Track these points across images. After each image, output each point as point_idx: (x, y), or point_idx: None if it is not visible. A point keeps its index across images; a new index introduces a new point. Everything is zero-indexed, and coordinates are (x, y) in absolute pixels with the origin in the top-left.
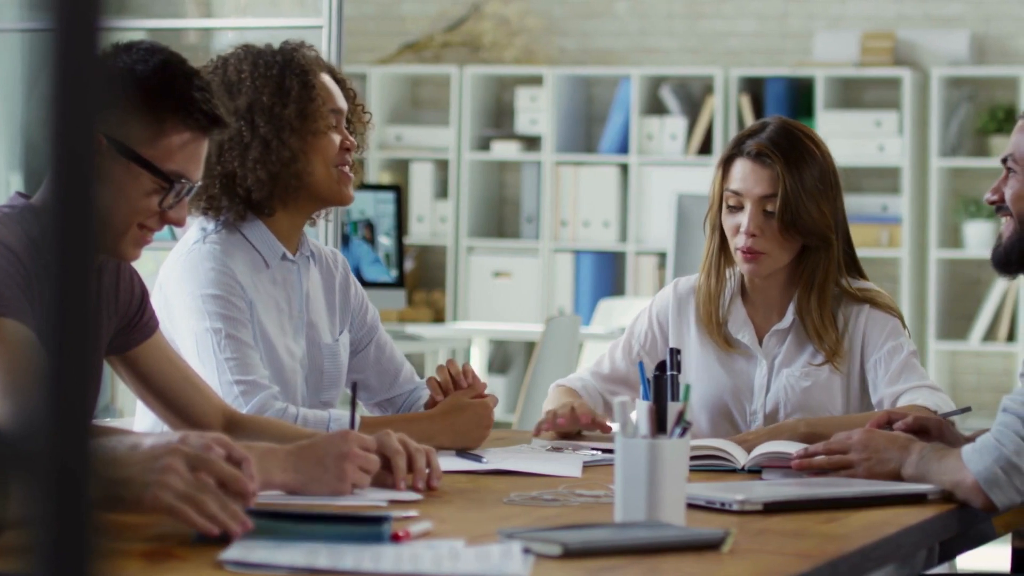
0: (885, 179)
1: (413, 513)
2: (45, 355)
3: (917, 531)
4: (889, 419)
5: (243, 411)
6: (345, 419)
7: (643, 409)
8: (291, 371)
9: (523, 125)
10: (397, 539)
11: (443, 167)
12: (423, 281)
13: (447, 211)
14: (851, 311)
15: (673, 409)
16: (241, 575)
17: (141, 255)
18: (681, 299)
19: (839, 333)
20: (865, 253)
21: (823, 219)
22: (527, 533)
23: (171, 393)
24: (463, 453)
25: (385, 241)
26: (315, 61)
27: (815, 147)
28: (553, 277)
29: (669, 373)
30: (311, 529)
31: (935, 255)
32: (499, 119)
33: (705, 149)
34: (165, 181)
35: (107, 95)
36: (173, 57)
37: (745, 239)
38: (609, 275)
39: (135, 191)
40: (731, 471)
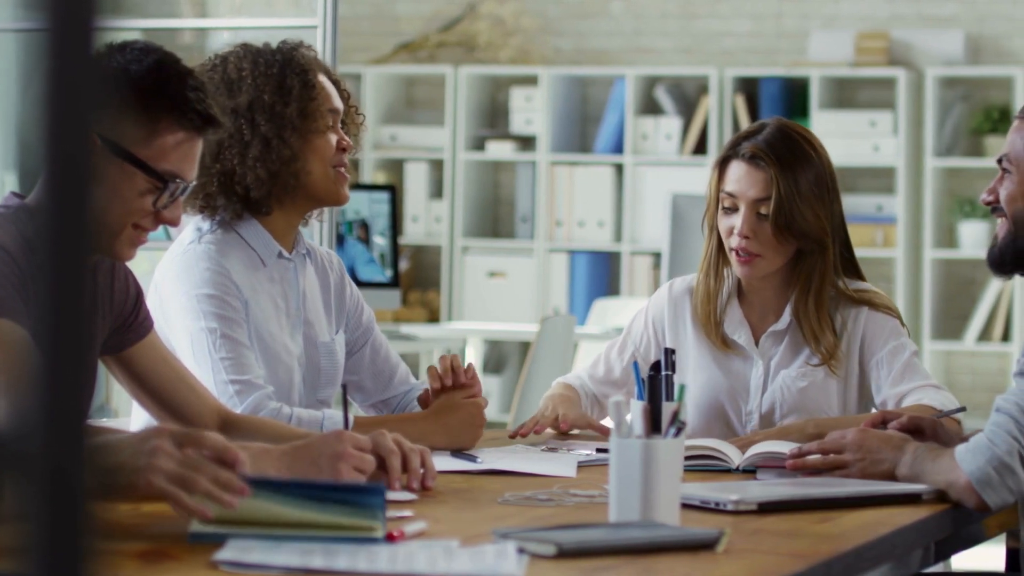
0: (880, 179)
1: (408, 513)
2: (39, 355)
3: (911, 531)
4: (884, 419)
5: (237, 411)
6: (339, 419)
7: (638, 409)
8: (288, 368)
9: (518, 125)
10: (392, 539)
11: (438, 167)
12: (418, 281)
13: (442, 211)
14: (849, 313)
15: (667, 409)
16: (236, 575)
17: (136, 255)
18: (676, 300)
19: (836, 335)
20: (860, 253)
21: (818, 223)
22: (521, 533)
23: (166, 393)
24: (458, 453)
25: (380, 241)
26: (314, 61)
27: (812, 150)
28: (548, 277)
29: (664, 373)
30: (306, 515)
31: (930, 255)
32: (494, 119)
33: (700, 149)
34: (159, 181)
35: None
36: (167, 57)
37: (739, 241)
38: (604, 275)
39: (129, 191)
40: (725, 471)
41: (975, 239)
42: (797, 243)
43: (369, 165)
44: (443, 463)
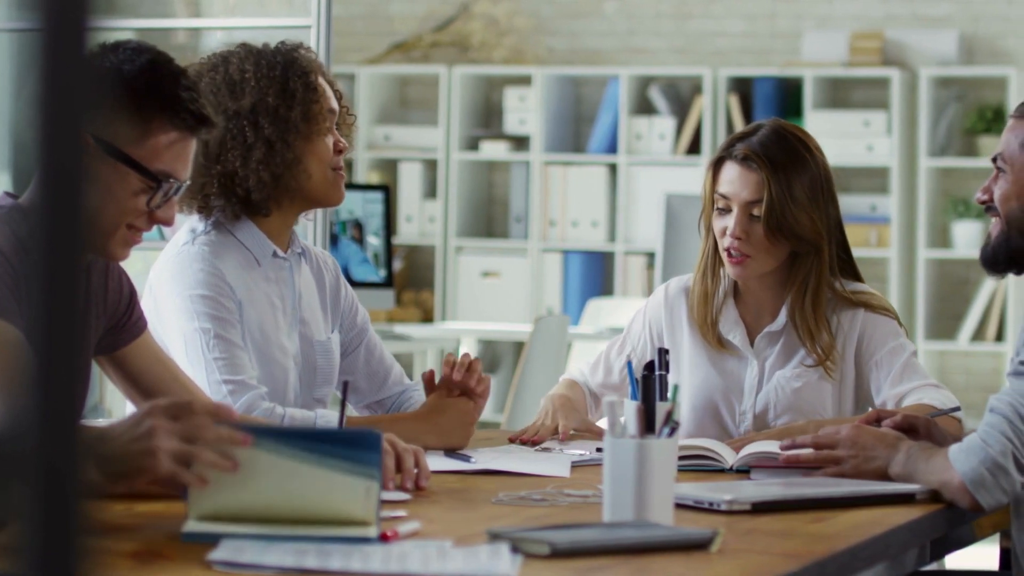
0: (874, 179)
1: (401, 513)
2: (33, 355)
3: (905, 531)
4: (878, 417)
5: None
6: (332, 418)
7: (631, 409)
8: (284, 368)
9: (512, 125)
10: (385, 539)
11: (432, 167)
12: (412, 281)
13: (436, 211)
14: (845, 315)
15: (661, 409)
16: (230, 575)
17: (130, 255)
18: (672, 300)
19: (832, 336)
20: (854, 253)
21: (811, 226)
22: (515, 533)
23: (159, 393)
24: (451, 453)
25: (374, 241)
26: (314, 63)
27: (807, 152)
28: (542, 277)
29: (657, 373)
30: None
31: (923, 255)
32: (488, 119)
33: (694, 149)
34: (153, 181)
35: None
36: (160, 57)
37: (731, 242)
38: (598, 275)
39: (123, 191)
40: (719, 471)
41: (969, 239)
42: (790, 245)
43: (363, 165)
44: (437, 463)
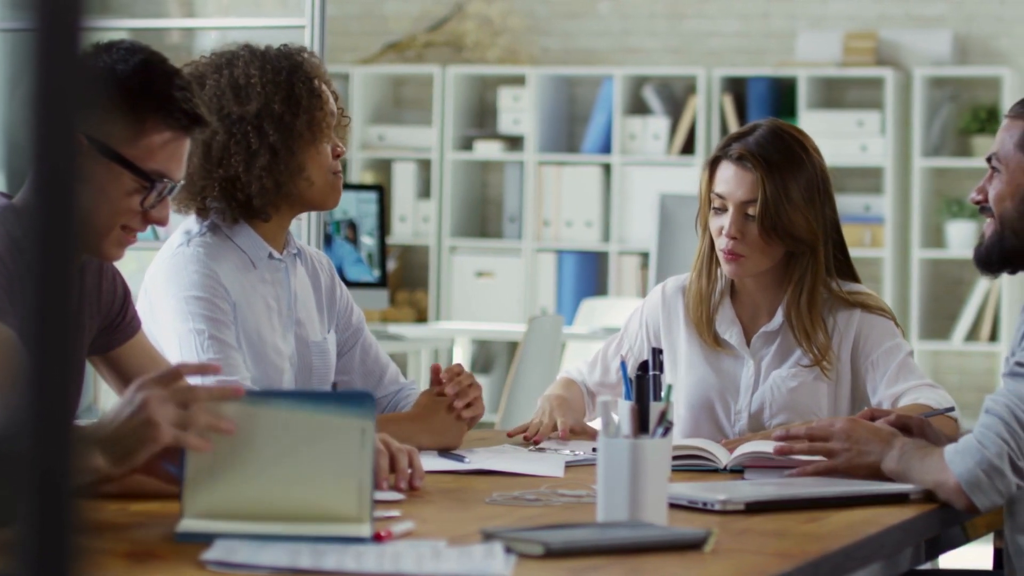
0: (868, 179)
1: (395, 513)
2: (27, 355)
3: (899, 531)
4: (872, 416)
5: None
6: None
7: (625, 409)
8: (279, 369)
9: (506, 125)
10: (379, 539)
11: (426, 167)
12: (406, 281)
13: (430, 211)
14: (842, 315)
15: (655, 409)
16: (223, 575)
17: (124, 255)
18: (669, 299)
19: (828, 336)
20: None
21: (807, 226)
22: (509, 533)
23: None
24: (445, 453)
25: (368, 241)
26: (318, 68)
27: (804, 153)
28: (536, 277)
29: (651, 373)
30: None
31: (918, 255)
32: (482, 119)
33: (688, 149)
34: (146, 180)
35: (88, 95)
36: (153, 56)
37: (726, 241)
38: (592, 275)
39: (116, 191)
40: (713, 471)
41: (963, 239)
42: (785, 245)
43: (357, 165)
44: (431, 463)
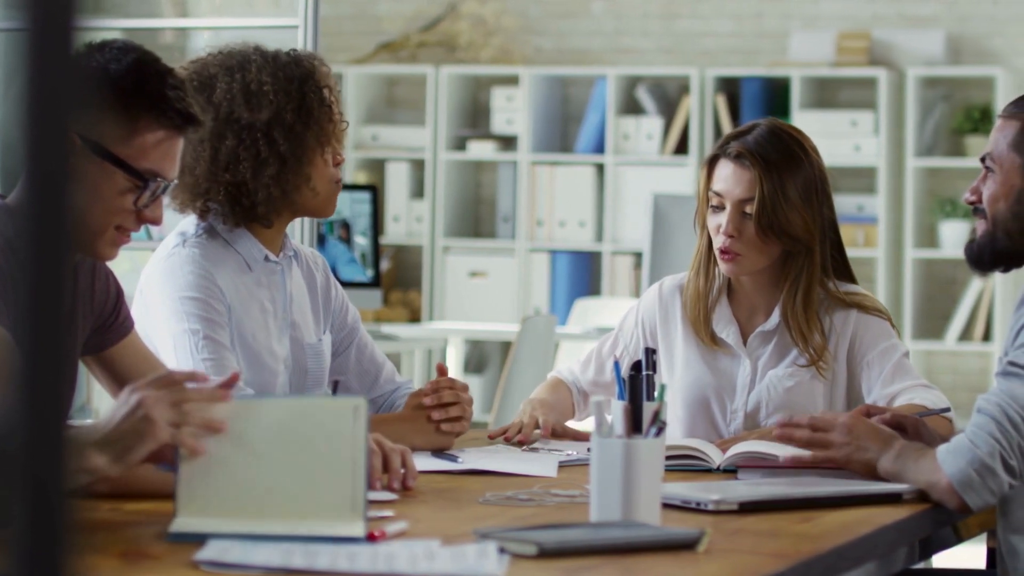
0: (861, 179)
1: (389, 513)
2: (20, 355)
3: (892, 531)
4: (868, 413)
5: None
6: None
7: (619, 409)
8: (273, 372)
9: (499, 125)
10: (373, 539)
11: (419, 167)
12: (399, 281)
13: (423, 211)
14: (838, 315)
15: (648, 409)
16: (216, 575)
17: (118, 255)
18: (665, 298)
19: (824, 336)
20: None
21: (803, 226)
22: (502, 533)
23: None
24: (439, 453)
25: (361, 241)
26: (329, 77)
27: (802, 153)
28: (529, 277)
29: (644, 373)
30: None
31: (911, 255)
32: (475, 119)
33: (681, 149)
34: (140, 180)
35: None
36: (146, 56)
37: (724, 240)
38: (585, 275)
39: (110, 190)
40: (706, 471)
41: (956, 239)
42: (781, 244)
43: (350, 165)
44: (424, 463)
